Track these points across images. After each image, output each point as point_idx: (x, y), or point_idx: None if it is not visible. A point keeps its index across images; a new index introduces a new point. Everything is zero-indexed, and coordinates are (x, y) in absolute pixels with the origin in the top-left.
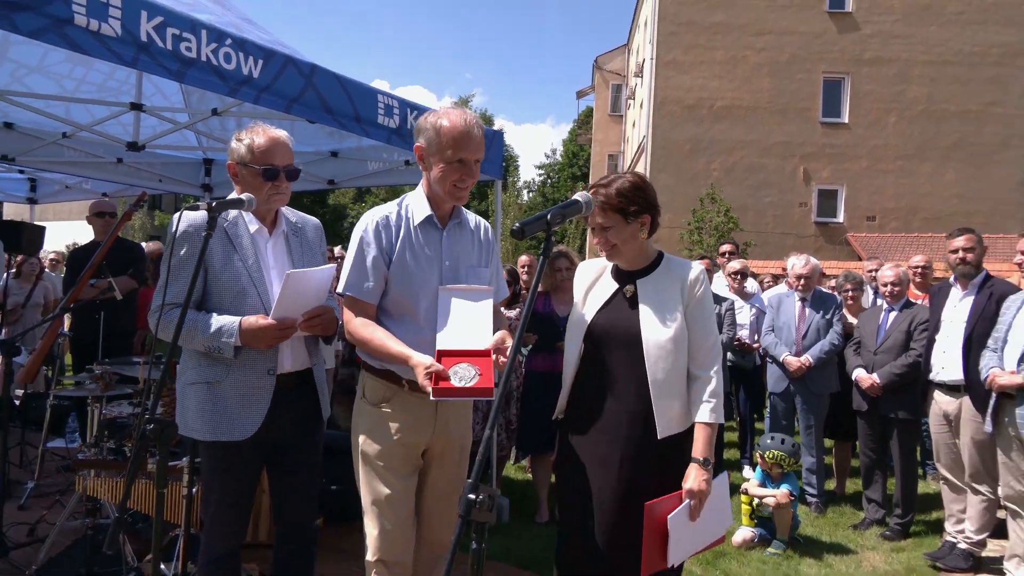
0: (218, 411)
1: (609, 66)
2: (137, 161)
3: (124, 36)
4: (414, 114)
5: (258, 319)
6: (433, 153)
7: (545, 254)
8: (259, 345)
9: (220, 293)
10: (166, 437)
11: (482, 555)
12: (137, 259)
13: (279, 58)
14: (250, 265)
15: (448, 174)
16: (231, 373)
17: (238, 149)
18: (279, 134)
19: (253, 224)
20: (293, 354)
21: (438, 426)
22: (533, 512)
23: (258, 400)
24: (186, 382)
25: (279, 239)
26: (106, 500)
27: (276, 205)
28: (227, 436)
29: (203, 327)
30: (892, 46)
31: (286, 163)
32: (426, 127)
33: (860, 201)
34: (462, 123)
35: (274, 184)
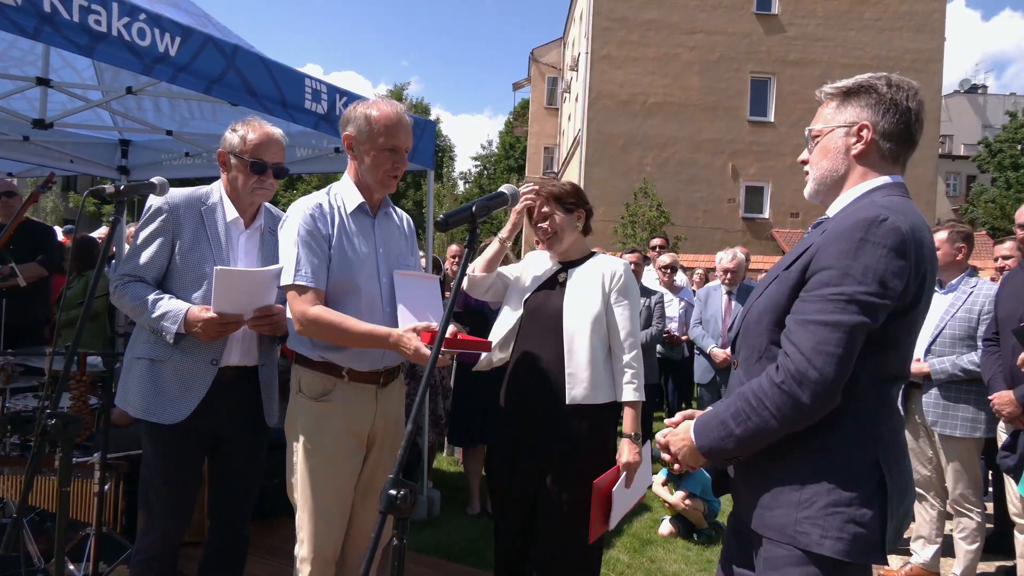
0: (156, 391)
1: (545, 59)
2: (46, 140)
3: (24, 5)
4: (343, 100)
5: (202, 310)
6: (364, 141)
7: (470, 246)
8: (200, 336)
9: (182, 273)
10: (70, 432)
11: (403, 551)
12: (48, 244)
13: (198, 36)
14: (218, 253)
15: (381, 162)
16: (174, 355)
17: (231, 139)
18: (274, 131)
19: (231, 213)
20: (242, 348)
21: (378, 413)
22: (464, 504)
23: (196, 387)
24: (133, 356)
25: (255, 234)
26: (9, 498)
27: (259, 200)
28: (158, 417)
29: (152, 307)
30: (815, 48)
31: (276, 160)
32: (355, 116)
33: (784, 198)
34: (393, 112)
35: (260, 178)
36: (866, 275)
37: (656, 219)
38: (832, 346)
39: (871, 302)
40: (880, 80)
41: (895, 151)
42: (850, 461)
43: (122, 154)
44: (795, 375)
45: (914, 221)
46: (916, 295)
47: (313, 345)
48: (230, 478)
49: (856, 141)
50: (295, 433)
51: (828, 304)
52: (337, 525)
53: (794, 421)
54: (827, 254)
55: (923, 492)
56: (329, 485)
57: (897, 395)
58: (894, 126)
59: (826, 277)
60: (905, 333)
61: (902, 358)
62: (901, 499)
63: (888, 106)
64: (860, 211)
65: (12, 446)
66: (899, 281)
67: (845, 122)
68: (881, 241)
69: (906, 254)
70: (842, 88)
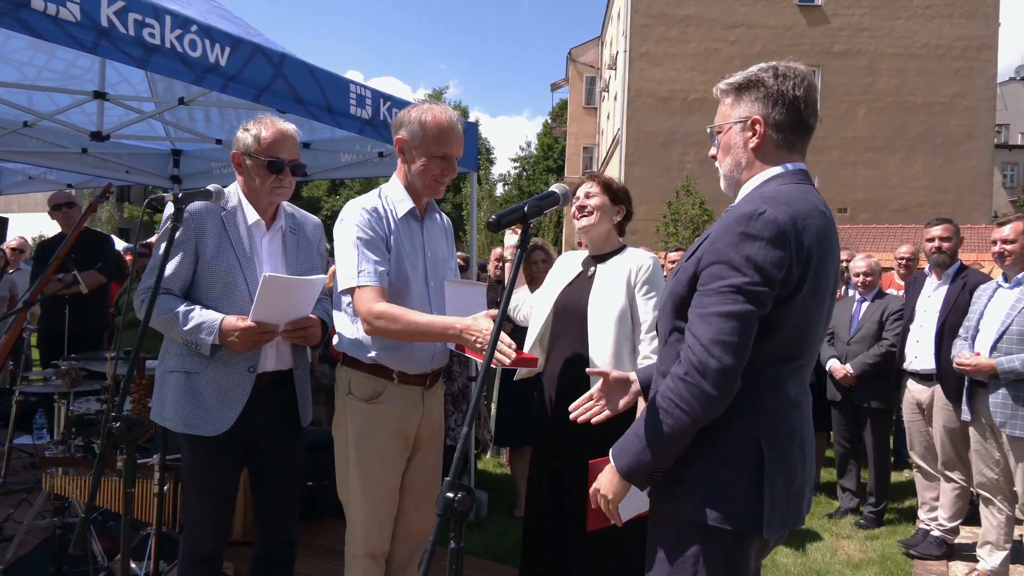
0: (194, 403)
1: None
2: (103, 152)
3: (83, 21)
4: (387, 105)
5: (238, 320)
6: (416, 146)
7: (522, 246)
8: (236, 347)
9: (210, 282)
10: (133, 435)
11: (460, 554)
12: (105, 252)
13: (247, 46)
14: (243, 257)
15: (430, 168)
16: (210, 366)
17: (244, 139)
18: (287, 127)
19: (252, 216)
20: (277, 354)
21: (424, 414)
22: (511, 506)
23: (235, 397)
24: (165, 369)
25: (276, 234)
26: (74, 498)
27: (278, 199)
28: (200, 430)
29: (184, 319)
30: (860, 39)
31: (292, 157)
32: (409, 120)
33: (832, 193)
34: (446, 119)
35: (278, 177)
36: (748, 266)
37: (699, 217)
38: (727, 335)
39: (755, 291)
40: (767, 73)
41: (789, 140)
42: (728, 441)
43: (174, 163)
44: (697, 366)
45: (797, 209)
46: (799, 281)
47: (364, 347)
48: (272, 483)
49: (751, 135)
50: (345, 434)
51: (720, 296)
52: (387, 523)
53: (703, 410)
54: (713, 249)
55: (990, 496)
56: (380, 485)
57: (789, 378)
58: (784, 116)
59: (716, 271)
60: (791, 318)
61: (787, 342)
62: (788, 480)
63: (776, 98)
64: (742, 206)
65: (76, 448)
66: (778, 270)
67: (739, 117)
68: (759, 234)
69: (784, 244)
70: (734, 84)
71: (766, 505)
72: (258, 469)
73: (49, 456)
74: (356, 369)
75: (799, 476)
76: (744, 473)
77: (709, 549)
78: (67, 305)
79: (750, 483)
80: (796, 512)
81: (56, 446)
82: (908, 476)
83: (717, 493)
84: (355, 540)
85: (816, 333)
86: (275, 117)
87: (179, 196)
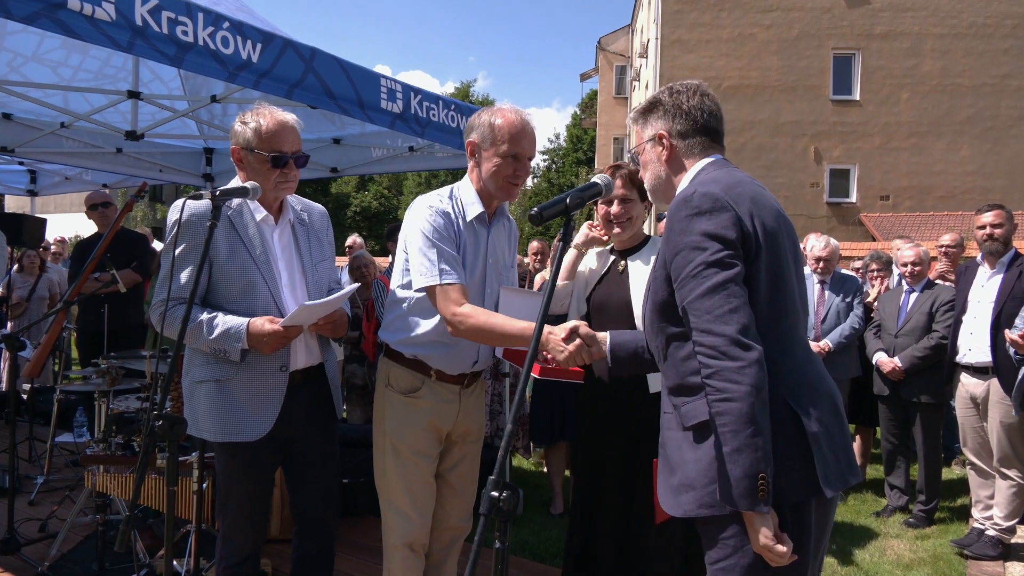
0: (230, 410)
1: (613, 47)
2: (137, 151)
3: (119, 20)
4: (418, 98)
5: (264, 323)
6: (487, 148)
7: (565, 240)
8: (264, 350)
9: (227, 286)
10: (175, 433)
11: (506, 554)
12: (141, 251)
13: (278, 42)
14: (258, 256)
15: (502, 168)
16: (240, 370)
17: (243, 133)
18: (287, 117)
19: (259, 212)
20: (307, 349)
21: (461, 411)
22: (546, 503)
23: (271, 398)
24: (193, 380)
25: (285, 228)
26: (116, 496)
27: (284, 194)
28: (240, 436)
29: (208, 328)
30: (903, 19)
31: (295, 149)
32: (480, 123)
33: (873, 180)
34: (517, 119)
35: (283, 172)
36: (705, 240)
37: None
38: (719, 308)
39: (723, 258)
40: (664, 93)
41: (701, 142)
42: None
43: (207, 162)
44: (710, 353)
45: (727, 182)
46: (756, 239)
47: (408, 343)
48: (311, 481)
49: (662, 149)
50: (383, 426)
51: (695, 280)
52: (425, 514)
53: (744, 384)
54: (670, 242)
55: None
56: (418, 477)
57: (788, 335)
58: (684, 125)
59: (680, 260)
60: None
61: (770, 299)
62: (828, 433)
63: (675, 112)
64: (676, 198)
65: (117, 446)
66: (731, 231)
67: (649, 136)
68: (700, 208)
69: (725, 207)
70: (640, 110)
71: (819, 465)
72: (296, 467)
73: (91, 454)
74: (396, 362)
75: (837, 429)
76: (787, 443)
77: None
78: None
79: (796, 450)
80: (849, 465)
81: (97, 444)
82: (958, 473)
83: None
84: (392, 530)
85: (791, 285)
86: (271, 106)
87: (217, 194)
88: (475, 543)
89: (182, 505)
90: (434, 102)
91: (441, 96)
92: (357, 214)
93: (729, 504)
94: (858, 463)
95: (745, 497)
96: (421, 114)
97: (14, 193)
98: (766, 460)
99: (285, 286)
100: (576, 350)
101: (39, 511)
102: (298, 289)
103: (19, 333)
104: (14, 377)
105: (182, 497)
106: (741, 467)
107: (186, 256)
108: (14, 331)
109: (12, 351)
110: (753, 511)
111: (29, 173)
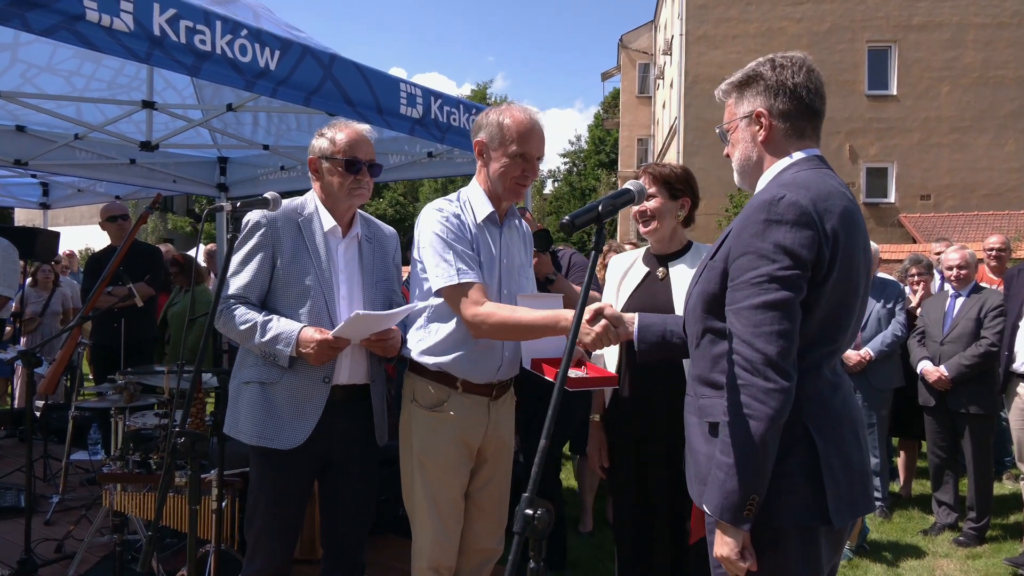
0: (269, 415)
1: (635, 44)
2: (150, 161)
3: (137, 31)
4: (438, 103)
5: (316, 331)
6: (496, 147)
7: (597, 248)
8: (311, 359)
9: (285, 290)
10: (197, 450)
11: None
12: (154, 264)
13: (296, 48)
14: (319, 265)
15: (510, 169)
16: (285, 376)
17: (319, 143)
18: (362, 128)
19: (328, 222)
20: (352, 365)
21: (490, 425)
22: (575, 520)
23: (311, 409)
24: (241, 381)
25: (352, 243)
26: (133, 515)
27: (357, 201)
28: (274, 443)
29: (262, 330)
30: (942, 9)
31: (368, 157)
32: (488, 122)
33: (912, 179)
34: (526, 118)
35: (356, 177)
36: (777, 252)
37: None
38: (767, 326)
39: (789, 276)
40: (765, 66)
41: (799, 127)
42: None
43: (220, 171)
44: (746, 366)
45: (819, 191)
46: (831, 262)
47: (430, 352)
48: (344, 505)
49: (759, 128)
50: (409, 443)
51: (753, 288)
52: (453, 536)
53: (768, 408)
54: (740, 241)
55: None
56: (446, 495)
57: (825, 362)
58: (788, 105)
59: (745, 263)
60: (826, 301)
61: (823, 326)
62: (845, 462)
63: (777, 88)
64: (762, 195)
65: (134, 464)
66: (807, 251)
67: (744, 113)
68: (782, 217)
69: (810, 224)
70: (735, 82)
71: (829, 493)
72: (331, 487)
73: (108, 472)
74: (421, 376)
75: (855, 458)
76: (800, 465)
77: (781, 550)
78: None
79: (808, 474)
80: (863, 495)
81: (114, 462)
82: (1011, 488)
83: (778, 492)
84: (420, 553)
85: (851, 316)
86: (348, 120)
87: (238, 205)
88: (508, 565)
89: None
90: (454, 106)
91: (461, 100)
92: None
93: (710, 509)
94: (902, 478)
95: (731, 511)
96: (441, 119)
97: (26, 206)
98: (764, 484)
99: (342, 298)
100: (603, 331)
101: (55, 531)
102: (355, 304)
103: (35, 349)
104: (30, 394)
105: (201, 516)
106: (738, 483)
107: (247, 257)
108: (29, 347)
109: (28, 367)
110: (727, 521)
111: (42, 186)
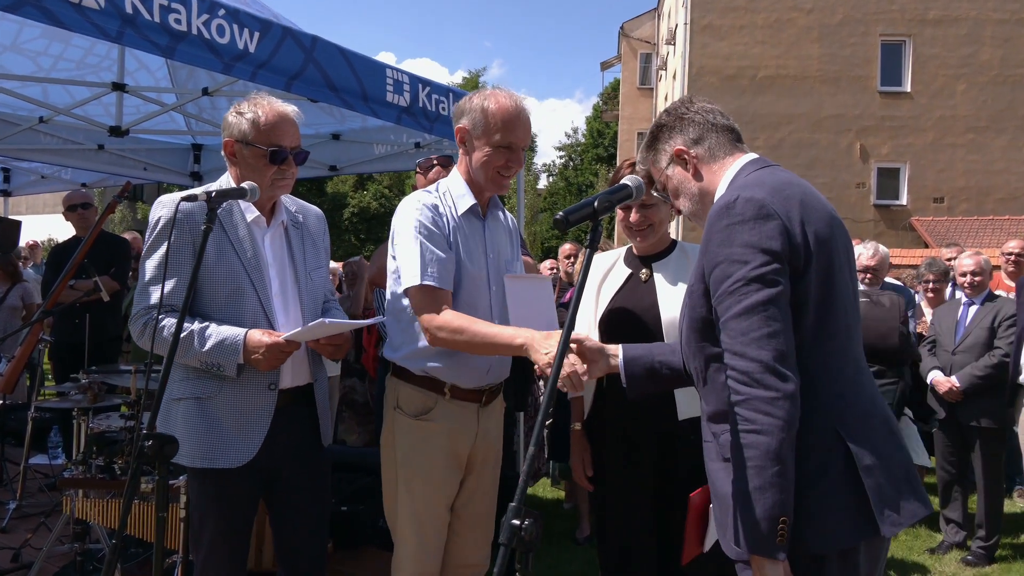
0: (211, 432)
1: (637, 33)
2: (120, 147)
3: (107, 8)
4: (426, 91)
5: (263, 336)
6: (479, 136)
7: (592, 245)
8: (260, 365)
9: (213, 291)
10: (166, 454)
11: None
12: (121, 256)
13: (276, 30)
14: (247, 260)
15: (493, 159)
16: (224, 388)
17: (238, 124)
18: (287, 109)
19: (250, 212)
20: (294, 366)
21: (479, 434)
22: (567, 531)
23: (257, 420)
24: (171, 397)
25: (277, 231)
26: (96, 523)
27: (280, 192)
28: (221, 463)
29: (200, 339)
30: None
31: (294, 144)
32: (471, 108)
33: (926, 180)
34: (512, 105)
35: (280, 168)
36: (747, 252)
37: None
38: (756, 330)
39: (765, 273)
40: (661, 118)
41: (721, 143)
42: (805, 450)
43: (195, 159)
44: (742, 379)
45: (773, 185)
46: (806, 250)
47: (416, 356)
48: (297, 516)
49: (686, 164)
50: (392, 453)
51: (733, 297)
52: (436, 550)
53: (774, 418)
54: (709, 255)
55: None
56: (430, 509)
57: (839, 357)
58: (699, 131)
59: (719, 273)
60: (813, 292)
61: (818, 319)
62: (885, 463)
63: (680, 125)
64: (717, 203)
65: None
66: (777, 242)
67: (667, 161)
68: (743, 216)
69: (771, 215)
70: (646, 146)
71: (873, 500)
72: (280, 500)
73: (69, 477)
74: (405, 381)
75: (896, 456)
76: (836, 476)
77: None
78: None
79: (845, 484)
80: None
81: (76, 466)
82: (1022, 506)
83: (818, 515)
84: (401, 568)
85: (845, 306)
86: (270, 97)
87: (213, 195)
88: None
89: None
90: (443, 95)
91: (451, 88)
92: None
93: (745, 548)
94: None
95: (762, 542)
96: (430, 108)
97: None
98: (789, 502)
99: (276, 294)
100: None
101: (12, 539)
102: (290, 297)
103: None
104: None
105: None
106: (762, 508)
107: (174, 260)
108: None
109: None
110: (770, 558)
111: (2, 172)
